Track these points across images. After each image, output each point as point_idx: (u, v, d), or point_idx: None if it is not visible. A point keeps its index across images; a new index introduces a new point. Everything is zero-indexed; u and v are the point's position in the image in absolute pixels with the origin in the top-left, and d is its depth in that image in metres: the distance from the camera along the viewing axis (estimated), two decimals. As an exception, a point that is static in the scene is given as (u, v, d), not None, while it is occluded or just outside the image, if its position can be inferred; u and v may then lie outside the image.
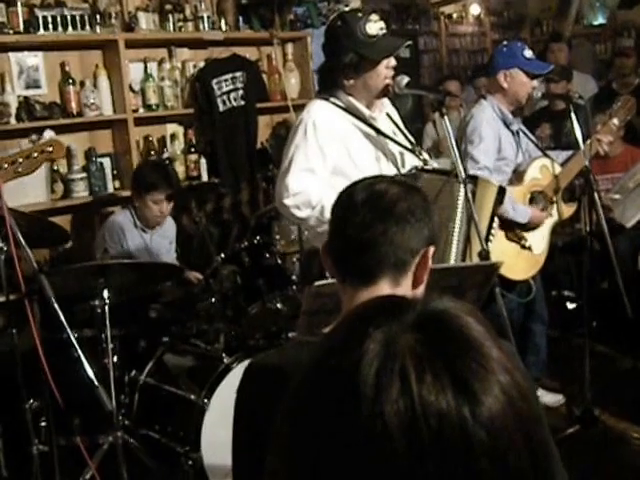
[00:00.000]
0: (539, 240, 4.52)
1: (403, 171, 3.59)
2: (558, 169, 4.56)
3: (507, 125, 4.53)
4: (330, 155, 3.53)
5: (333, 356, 0.87)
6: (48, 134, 4.98)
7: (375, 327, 0.86)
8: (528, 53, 4.47)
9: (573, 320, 5.75)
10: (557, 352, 5.27)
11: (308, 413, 0.86)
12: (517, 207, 4.35)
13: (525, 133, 4.70)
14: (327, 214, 3.47)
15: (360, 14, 3.55)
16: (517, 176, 4.55)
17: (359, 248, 1.80)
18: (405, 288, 1.80)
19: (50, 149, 3.09)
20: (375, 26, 3.51)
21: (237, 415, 1.81)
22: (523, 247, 4.46)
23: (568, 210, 4.65)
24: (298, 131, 3.57)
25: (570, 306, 6.28)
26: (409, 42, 3.75)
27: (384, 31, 3.55)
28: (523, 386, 0.84)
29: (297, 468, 0.86)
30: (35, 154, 3.05)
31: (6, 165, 2.98)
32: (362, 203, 1.82)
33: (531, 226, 4.48)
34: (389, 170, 3.58)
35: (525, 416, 0.82)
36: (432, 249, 1.84)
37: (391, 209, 1.80)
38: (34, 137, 4.95)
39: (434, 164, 3.71)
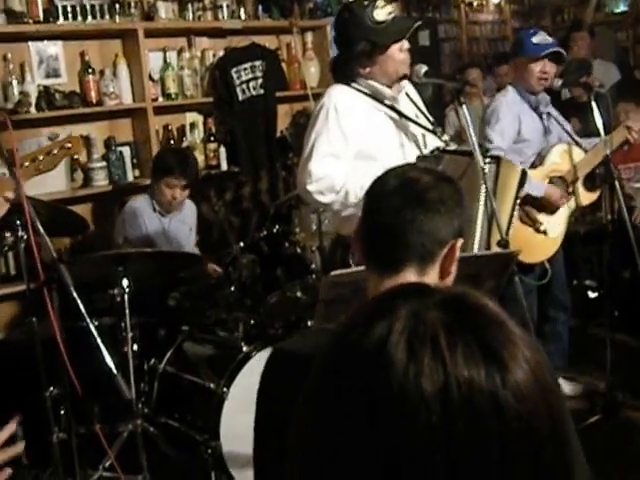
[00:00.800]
0: (555, 225, 4.49)
1: (425, 152, 3.56)
2: (580, 156, 4.53)
3: (534, 109, 4.53)
4: (352, 139, 3.48)
5: (357, 330, 0.87)
6: (65, 132, 5.02)
7: (401, 304, 0.88)
8: (536, 38, 4.47)
9: (594, 309, 5.74)
10: (578, 341, 5.25)
11: (332, 387, 0.87)
12: (532, 181, 4.32)
13: (556, 119, 4.68)
14: (351, 198, 3.48)
15: (366, 2, 3.50)
16: (539, 160, 4.54)
17: (386, 235, 1.79)
18: (432, 278, 1.78)
19: (69, 145, 3.14)
20: (383, 12, 3.47)
21: (260, 400, 1.80)
22: (537, 231, 4.43)
23: (589, 197, 4.62)
24: (319, 116, 3.53)
25: (591, 295, 6.25)
26: (419, 22, 3.70)
27: (392, 15, 3.51)
28: (542, 361, 0.88)
29: (319, 442, 0.87)
30: (55, 150, 3.10)
31: (27, 163, 3.02)
32: (393, 190, 1.81)
33: (546, 203, 4.44)
34: (412, 152, 3.55)
35: (547, 388, 0.85)
36: (461, 241, 1.82)
37: (422, 197, 1.79)
38: (52, 135, 4.97)
39: (455, 146, 3.69)
